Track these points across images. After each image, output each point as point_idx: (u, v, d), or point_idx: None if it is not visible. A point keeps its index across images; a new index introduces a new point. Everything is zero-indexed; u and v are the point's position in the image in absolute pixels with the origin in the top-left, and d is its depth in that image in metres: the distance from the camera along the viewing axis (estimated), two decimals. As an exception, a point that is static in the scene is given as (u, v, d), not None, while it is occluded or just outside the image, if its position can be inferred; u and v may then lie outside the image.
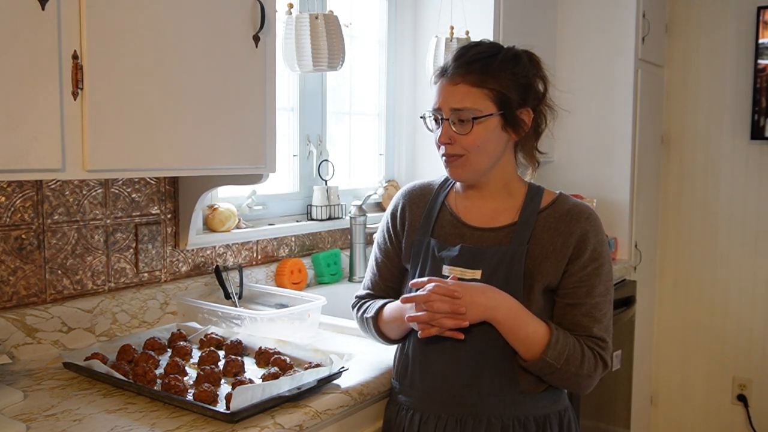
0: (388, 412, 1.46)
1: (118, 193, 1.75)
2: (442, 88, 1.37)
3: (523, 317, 1.30)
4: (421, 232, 1.45)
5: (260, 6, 1.58)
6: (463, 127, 1.34)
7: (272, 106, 1.67)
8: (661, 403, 3.57)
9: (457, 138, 1.35)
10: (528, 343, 1.30)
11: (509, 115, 1.36)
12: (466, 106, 1.33)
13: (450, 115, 1.35)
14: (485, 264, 1.35)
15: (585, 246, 1.35)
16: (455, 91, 1.34)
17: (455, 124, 1.35)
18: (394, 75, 2.77)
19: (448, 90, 1.35)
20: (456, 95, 1.34)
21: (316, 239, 2.35)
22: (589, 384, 1.35)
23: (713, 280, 3.41)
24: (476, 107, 1.33)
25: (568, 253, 1.34)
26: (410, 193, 1.52)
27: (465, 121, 1.34)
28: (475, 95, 1.33)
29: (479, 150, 1.35)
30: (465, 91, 1.34)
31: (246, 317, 1.69)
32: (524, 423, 1.34)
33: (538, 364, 1.30)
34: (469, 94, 1.33)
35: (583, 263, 1.34)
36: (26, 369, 1.48)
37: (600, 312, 1.35)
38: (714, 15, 3.32)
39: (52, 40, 1.20)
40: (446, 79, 1.36)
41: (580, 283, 1.34)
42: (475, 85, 1.33)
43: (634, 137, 2.99)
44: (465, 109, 1.33)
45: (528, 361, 1.31)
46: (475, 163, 1.37)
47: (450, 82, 1.36)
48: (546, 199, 1.41)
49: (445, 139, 1.36)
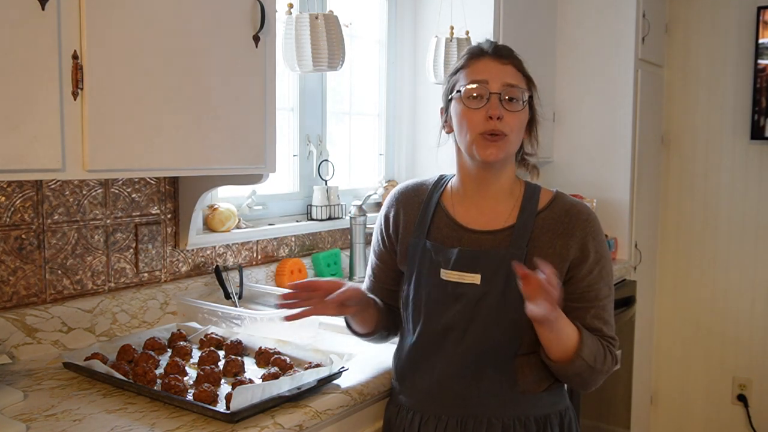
0: (388, 413, 1.46)
1: (118, 193, 1.75)
2: (486, 65, 1.36)
3: (565, 322, 1.29)
4: (416, 234, 1.43)
5: (260, 6, 1.58)
6: (513, 104, 1.34)
7: (272, 106, 1.67)
8: (661, 403, 3.57)
9: (506, 115, 1.34)
10: (567, 342, 1.29)
11: (532, 109, 1.40)
12: (519, 84, 1.35)
13: (502, 89, 1.34)
14: (484, 268, 1.34)
15: (587, 250, 1.35)
16: (506, 69, 1.36)
17: (505, 101, 1.34)
18: (394, 75, 2.77)
19: (498, 67, 1.36)
20: (508, 72, 1.36)
21: (316, 239, 2.35)
22: (603, 380, 1.37)
23: (713, 280, 3.41)
24: (524, 88, 1.36)
25: (569, 256, 1.34)
26: (402, 195, 1.50)
27: (515, 99, 1.34)
28: (520, 78, 1.37)
29: (518, 132, 1.37)
30: (514, 72, 1.37)
31: (246, 317, 1.69)
32: (525, 423, 1.34)
33: (576, 363, 1.29)
34: (518, 75, 1.37)
35: (588, 267, 1.35)
36: (26, 369, 1.48)
37: (607, 313, 1.37)
38: (714, 15, 3.32)
39: (52, 40, 1.20)
40: (492, 57, 1.37)
41: (588, 287, 1.35)
42: (520, 69, 1.37)
43: (634, 137, 2.99)
44: (518, 87, 1.35)
45: (563, 362, 1.30)
46: (512, 145, 1.37)
47: (498, 61, 1.37)
48: (543, 199, 1.41)
49: (498, 113, 1.32)
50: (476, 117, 1.33)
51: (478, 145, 1.34)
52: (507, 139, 1.34)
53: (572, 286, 1.35)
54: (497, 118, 1.32)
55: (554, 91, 3.09)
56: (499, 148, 1.34)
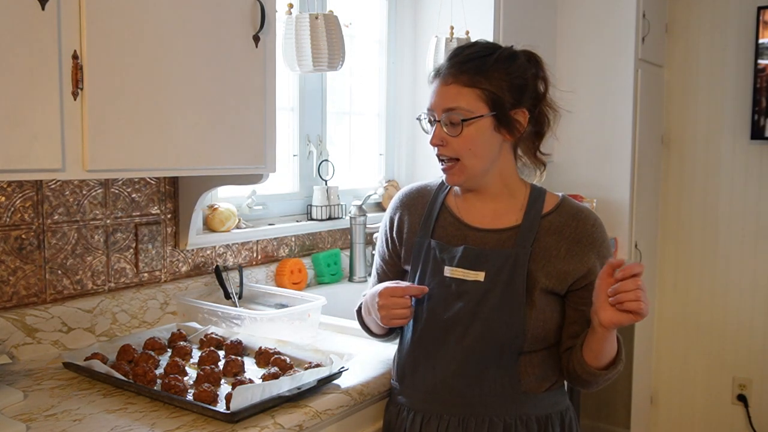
0: (388, 414, 1.46)
1: (118, 193, 1.75)
2: (435, 89, 1.36)
3: None
4: (421, 233, 1.44)
5: (260, 6, 1.58)
6: (454, 128, 1.33)
7: (272, 106, 1.67)
8: (661, 402, 3.57)
9: (448, 140, 1.34)
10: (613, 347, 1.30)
11: (502, 115, 1.33)
12: (457, 107, 1.32)
13: (441, 116, 1.34)
14: (489, 266, 1.34)
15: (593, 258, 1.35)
16: (447, 92, 1.34)
17: (447, 126, 1.34)
18: (394, 75, 2.77)
19: (441, 91, 1.35)
20: (448, 96, 1.33)
21: (316, 239, 2.35)
22: None
23: (713, 280, 3.41)
24: (467, 108, 1.32)
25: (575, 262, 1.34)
26: (407, 198, 1.51)
27: (456, 123, 1.33)
28: (467, 96, 1.32)
29: (472, 153, 1.34)
30: (456, 92, 1.33)
31: (246, 317, 1.69)
32: (526, 422, 1.34)
33: (618, 366, 1.31)
34: (461, 94, 1.32)
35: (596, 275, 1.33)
36: (26, 369, 1.48)
37: None
38: (714, 15, 3.32)
39: (52, 40, 1.20)
40: (440, 80, 1.36)
41: None
42: (467, 85, 1.32)
43: (634, 137, 2.99)
44: (456, 110, 1.32)
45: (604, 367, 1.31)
46: (469, 168, 1.36)
47: (443, 83, 1.35)
48: (549, 203, 1.41)
49: (437, 141, 1.35)
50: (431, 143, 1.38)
51: (443, 172, 1.39)
52: (461, 164, 1.35)
53: (585, 292, 1.34)
54: (437, 145, 1.35)
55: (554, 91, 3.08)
56: (454, 174, 1.37)
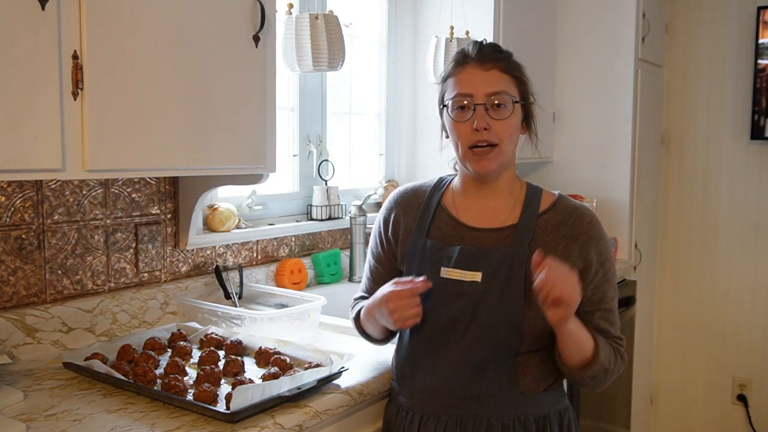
0: (388, 414, 1.46)
1: (118, 193, 1.75)
2: (470, 74, 1.33)
3: (580, 325, 1.29)
4: (416, 233, 1.42)
5: (260, 6, 1.58)
6: (500, 111, 1.32)
7: (272, 106, 1.67)
8: (661, 403, 3.57)
9: (493, 124, 1.32)
10: (584, 347, 1.29)
11: (526, 107, 1.37)
12: (504, 90, 1.32)
13: (486, 99, 1.32)
14: (486, 266, 1.34)
15: (592, 254, 1.35)
16: (489, 76, 1.32)
17: (490, 110, 1.32)
18: (394, 75, 2.77)
19: (481, 75, 1.32)
20: (491, 79, 1.32)
21: (316, 239, 2.35)
22: (611, 380, 1.37)
23: (713, 280, 3.41)
24: (510, 92, 1.33)
25: (572, 260, 1.33)
26: (401, 197, 1.49)
27: (502, 106, 1.32)
28: (508, 81, 1.33)
29: (510, 138, 1.34)
30: (499, 76, 1.33)
31: (246, 317, 1.68)
32: (524, 423, 1.34)
33: (594, 368, 1.29)
34: (503, 79, 1.33)
35: (594, 272, 1.35)
36: (26, 369, 1.48)
37: (614, 315, 1.38)
38: (714, 15, 3.32)
39: (52, 40, 1.20)
40: (475, 65, 1.33)
41: (594, 290, 1.35)
42: (506, 71, 1.33)
43: (634, 137, 2.99)
44: (503, 93, 1.32)
45: (581, 368, 1.31)
46: (505, 154, 1.34)
47: (481, 67, 1.33)
48: (546, 201, 1.40)
49: (483, 124, 1.31)
50: (464, 129, 1.33)
51: (470, 160, 1.35)
52: (498, 149, 1.33)
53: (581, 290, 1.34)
54: (483, 129, 1.31)
55: (554, 91, 3.09)
56: (491, 160, 1.34)
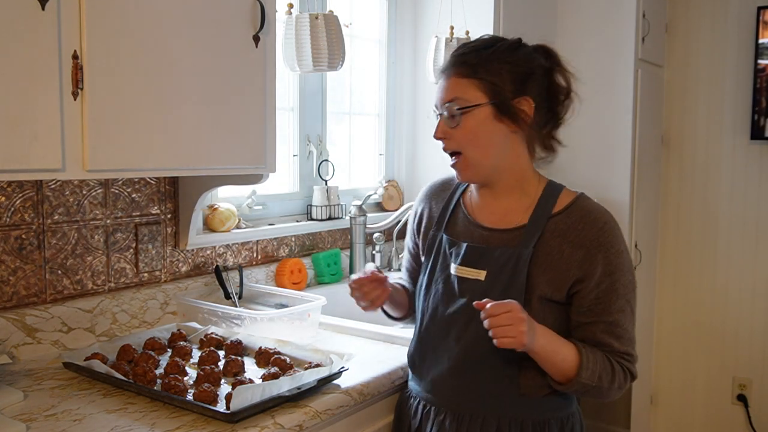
0: (401, 397, 1.50)
1: (118, 193, 1.75)
2: (440, 84, 1.37)
3: (555, 346, 1.27)
4: (436, 227, 1.46)
5: (260, 6, 1.58)
6: (453, 120, 1.33)
7: (272, 106, 1.67)
8: (661, 403, 3.57)
9: (450, 133, 1.34)
10: (563, 367, 1.28)
11: (503, 104, 1.31)
12: (455, 97, 1.32)
13: (442, 109, 1.34)
14: (490, 265, 1.33)
15: (596, 261, 1.29)
16: (448, 84, 1.34)
17: (447, 119, 1.34)
18: (394, 75, 2.77)
19: (442, 84, 1.36)
20: (448, 87, 1.34)
21: (316, 239, 2.35)
22: (619, 394, 1.34)
23: (713, 280, 3.40)
24: (465, 98, 1.31)
25: (575, 265, 1.29)
26: (431, 190, 1.54)
27: (455, 114, 1.32)
28: (464, 86, 1.32)
29: (473, 145, 1.33)
30: (455, 83, 1.33)
31: (246, 317, 1.68)
32: (521, 425, 1.33)
33: (573, 385, 1.28)
34: (458, 85, 1.32)
35: (597, 281, 1.29)
36: (26, 369, 1.48)
37: (620, 328, 1.31)
38: (714, 15, 3.32)
39: (52, 40, 1.20)
40: (444, 76, 1.37)
41: (597, 300, 1.30)
42: (465, 76, 1.32)
43: (634, 137, 2.99)
44: (454, 101, 1.32)
45: (563, 384, 1.30)
46: (473, 160, 1.34)
47: (445, 77, 1.36)
48: (562, 201, 1.35)
49: (439, 134, 1.35)
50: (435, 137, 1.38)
51: (452, 168, 1.39)
52: (464, 157, 1.34)
53: (579, 300, 1.31)
54: (439, 138, 1.35)
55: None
56: (462, 169, 1.37)
